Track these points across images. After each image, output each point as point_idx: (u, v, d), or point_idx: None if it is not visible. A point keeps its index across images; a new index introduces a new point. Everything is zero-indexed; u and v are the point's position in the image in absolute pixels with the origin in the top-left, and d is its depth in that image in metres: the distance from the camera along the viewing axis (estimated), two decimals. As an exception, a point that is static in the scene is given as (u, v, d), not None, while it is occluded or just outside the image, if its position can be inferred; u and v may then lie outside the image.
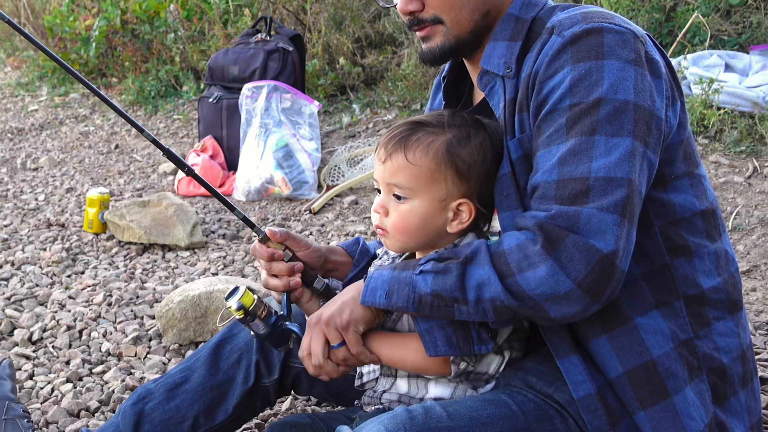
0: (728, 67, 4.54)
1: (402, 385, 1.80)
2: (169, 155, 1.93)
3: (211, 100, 5.16)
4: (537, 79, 1.62)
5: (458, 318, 1.60)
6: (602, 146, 1.52)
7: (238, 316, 1.85)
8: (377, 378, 1.85)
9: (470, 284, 1.56)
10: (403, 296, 1.64)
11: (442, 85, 2.00)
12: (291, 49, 5.15)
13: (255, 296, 1.85)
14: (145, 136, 1.91)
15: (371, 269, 1.92)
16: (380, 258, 1.95)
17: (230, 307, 1.86)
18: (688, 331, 1.62)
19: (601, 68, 1.55)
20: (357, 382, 1.91)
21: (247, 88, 4.85)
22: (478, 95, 1.90)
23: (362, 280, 1.75)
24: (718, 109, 4.16)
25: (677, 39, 4.68)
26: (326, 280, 1.94)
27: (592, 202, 1.49)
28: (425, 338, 1.68)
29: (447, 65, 1.98)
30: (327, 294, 1.92)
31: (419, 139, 1.72)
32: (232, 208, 1.96)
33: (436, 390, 1.76)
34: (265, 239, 1.91)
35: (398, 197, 1.74)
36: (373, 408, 1.83)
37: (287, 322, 1.88)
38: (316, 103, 4.95)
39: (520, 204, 1.65)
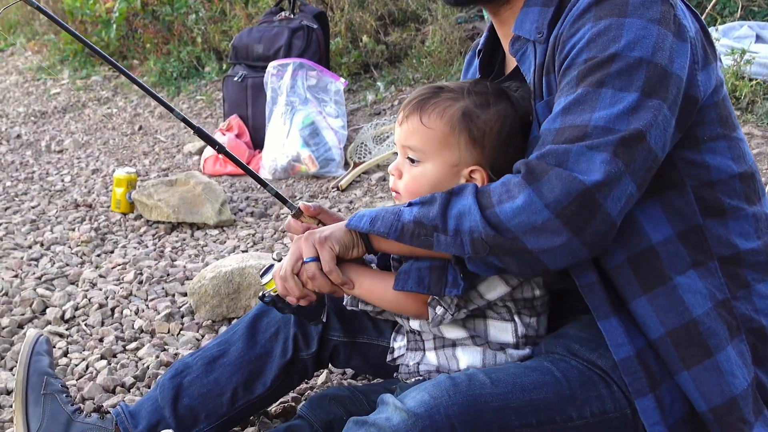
0: (759, 38, 4.46)
1: (431, 357, 1.80)
2: (200, 133, 1.94)
3: (236, 79, 5.14)
4: (561, 39, 1.61)
5: (436, 249, 1.59)
6: (608, 98, 1.50)
7: (273, 293, 1.84)
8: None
9: (451, 213, 1.55)
10: (387, 223, 1.63)
11: (476, 60, 2.00)
12: (315, 26, 5.11)
13: None
14: (174, 114, 1.92)
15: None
16: None
17: (265, 283, 1.84)
18: (725, 292, 1.61)
19: (621, 25, 1.53)
20: (388, 357, 1.91)
21: (272, 66, 4.82)
22: (510, 65, 1.89)
23: None
24: (750, 80, 4.10)
25: (707, 11, 4.61)
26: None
27: (584, 143, 1.48)
28: (399, 275, 1.69)
29: (482, 39, 1.96)
30: None
31: (436, 103, 1.72)
32: (264, 184, 1.96)
33: (465, 357, 1.76)
34: (298, 214, 1.90)
35: (412, 160, 1.75)
36: (413, 380, 1.82)
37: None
38: (342, 80, 4.92)
39: None
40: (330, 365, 2.21)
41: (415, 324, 1.81)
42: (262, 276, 1.85)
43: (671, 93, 1.53)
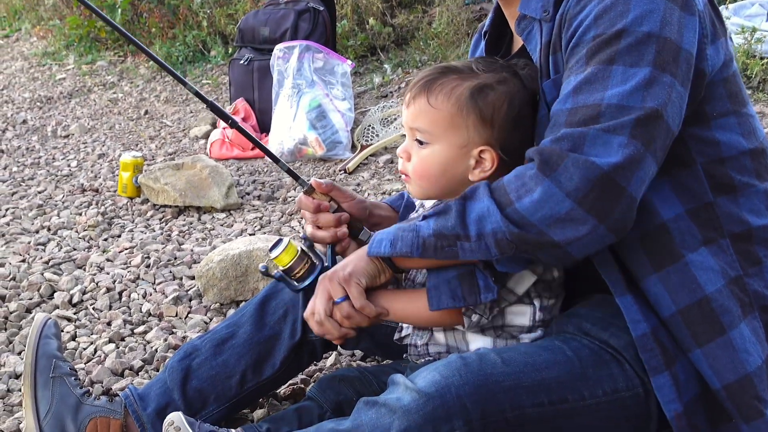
0: (770, 17, 4.44)
1: (439, 337, 1.79)
2: (213, 107, 1.94)
3: (242, 62, 5.12)
4: (567, 17, 1.59)
5: (462, 257, 1.57)
6: (619, 76, 1.48)
7: (281, 267, 1.83)
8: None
9: (470, 219, 1.53)
10: (408, 242, 1.61)
11: (483, 41, 1.98)
12: (321, 8, 5.09)
13: (298, 249, 1.83)
14: (188, 89, 1.92)
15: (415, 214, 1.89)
16: (416, 211, 1.92)
17: (274, 257, 1.83)
18: (737, 269, 1.59)
19: (628, 0, 1.51)
20: (396, 336, 1.90)
21: (278, 49, 4.80)
22: (517, 44, 1.87)
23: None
24: (761, 59, 4.07)
25: (716, -11, 4.58)
26: (372, 233, 1.91)
27: (599, 125, 1.45)
28: (431, 293, 1.66)
29: (488, 20, 1.95)
30: None
31: (443, 83, 1.70)
32: (276, 160, 1.95)
33: (476, 342, 1.75)
34: (310, 191, 1.89)
35: (420, 142, 1.72)
36: (423, 360, 1.81)
37: None
38: (349, 62, 4.89)
39: None
40: (339, 347, 2.20)
41: None
42: (270, 251, 1.84)
43: (682, 68, 1.51)
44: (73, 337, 2.72)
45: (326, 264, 1.88)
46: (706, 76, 1.57)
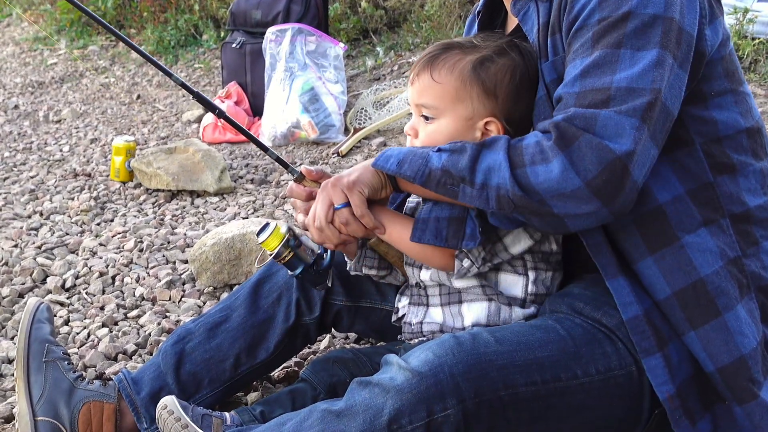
0: (762, -3, 4.42)
1: (436, 314, 1.80)
2: (199, 98, 1.94)
3: (234, 45, 5.09)
4: None
5: (461, 200, 1.58)
6: (627, 59, 1.48)
7: (269, 251, 1.83)
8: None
9: (480, 167, 1.54)
10: (415, 167, 1.61)
11: (476, 21, 1.98)
12: (313, -9, 5.06)
13: (287, 233, 1.83)
14: (173, 79, 1.91)
15: (407, 206, 1.89)
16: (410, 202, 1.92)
17: (262, 242, 1.83)
18: (736, 249, 1.59)
19: None
20: (394, 318, 1.91)
21: (270, 32, 4.78)
22: (511, 24, 1.88)
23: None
24: (753, 39, 4.06)
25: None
26: None
27: (611, 107, 1.46)
28: (417, 225, 1.68)
29: (481, 1, 1.95)
30: None
31: (445, 58, 1.72)
32: (265, 149, 1.94)
33: (471, 313, 1.76)
34: (300, 178, 1.88)
35: (426, 117, 1.74)
36: (416, 341, 1.82)
37: (324, 261, 1.85)
38: (341, 44, 4.87)
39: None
40: (333, 330, 2.20)
41: (425, 276, 1.80)
42: (258, 235, 1.84)
43: (683, 49, 1.51)
44: (66, 322, 2.71)
45: (318, 251, 1.88)
46: (706, 56, 1.57)
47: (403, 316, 1.88)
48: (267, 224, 1.84)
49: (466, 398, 1.49)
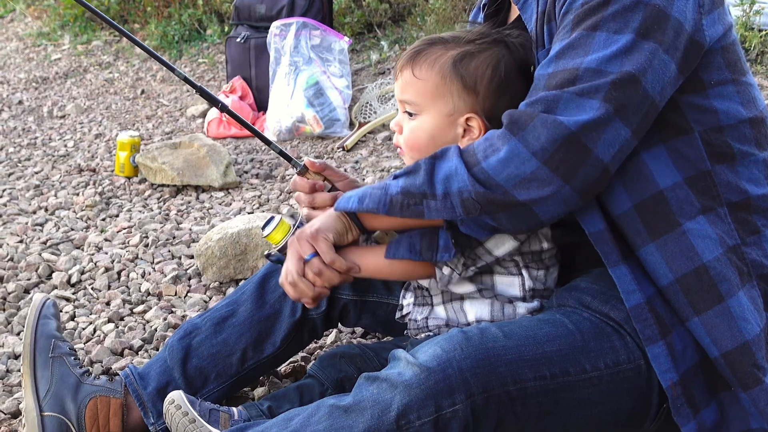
0: (769, -11, 4.41)
1: (440, 311, 1.79)
2: (202, 92, 1.93)
3: (238, 40, 5.08)
4: None
5: (428, 217, 1.58)
6: (602, 42, 1.49)
7: (274, 245, 1.83)
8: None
9: (438, 177, 1.54)
10: (375, 198, 1.62)
11: (481, 15, 1.98)
12: (318, -15, 5.05)
13: (291, 226, 1.83)
14: (176, 74, 1.91)
15: None
16: None
17: (267, 235, 1.83)
18: (735, 237, 1.59)
19: None
20: (397, 315, 1.90)
21: (275, 26, 4.76)
22: (513, 15, 1.88)
23: None
24: (759, 31, 4.05)
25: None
26: None
27: (574, 88, 1.46)
28: (390, 245, 1.69)
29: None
30: None
31: (427, 53, 1.71)
32: (268, 143, 1.94)
33: (473, 309, 1.75)
34: (304, 171, 1.89)
35: (410, 114, 1.74)
36: (423, 335, 1.81)
37: None
38: (346, 38, 4.86)
39: None
40: (339, 324, 2.19)
41: (424, 281, 1.79)
42: (263, 229, 1.84)
43: (668, 35, 1.50)
44: (72, 317, 2.71)
45: None
46: (704, 46, 1.56)
47: (408, 313, 1.88)
48: (272, 218, 1.84)
49: (475, 393, 1.49)
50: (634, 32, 1.48)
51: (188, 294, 2.82)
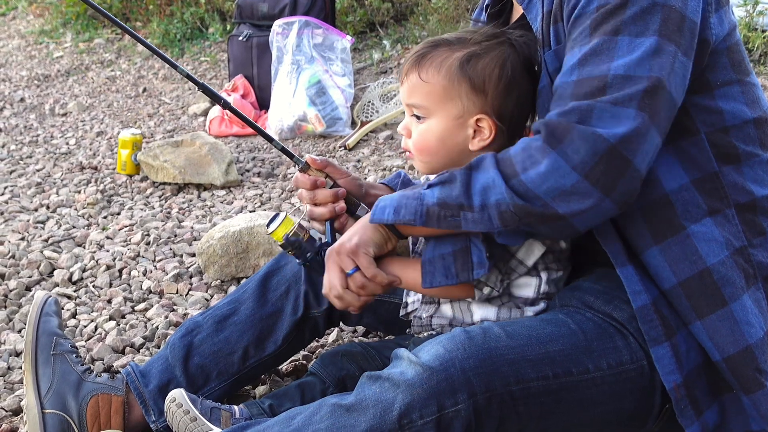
0: (772, -10, 4.40)
1: (446, 310, 1.79)
2: (204, 89, 1.93)
3: (240, 38, 5.08)
4: None
5: (465, 228, 1.56)
6: (625, 46, 1.47)
7: (279, 242, 1.83)
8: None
9: (475, 189, 1.53)
10: (411, 209, 1.61)
11: (484, 14, 1.97)
12: (320, -16, 5.04)
13: (296, 223, 1.83)
14: (178, 71, 1.91)
15: None
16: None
17: (271, 232, 1.83)
18: (742, 239, 1.59)
19: None
20: (402, 312, 1.89)
21: (277, 25, 4.76)
22: (516, 15, 1.87)
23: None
24: (763, 31, 4.04)
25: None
26: (369, 209, 1.90)
27: (607, 96, 1.44)
28: (425, 269, 1.67)
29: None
30: None
31: (432, 56, 1.70)
32: (270, 139, 1.94)
33: (480, 311, 1.75)
34: (305, 168, 1.88)
35: (418, 117, 1.73)
36: (425, 334, 1.81)
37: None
38: (348, 37, 4.86)
39: None
40: (341, 323, 2.19)
41: None
42: (268, 225, 1.84)
43: (686, 37, 1.50)
44: (74, 315, 2.71)
45: (326, 239, 1.87)
46: (710, 45, 1.56)
47: (413, 310, 1.87)
48: (277, 214, 1.84)
49: (477, 393, 1.48)
50: (656, 34, 1.47)
51: (190, 292, 2.82)
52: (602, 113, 1.43)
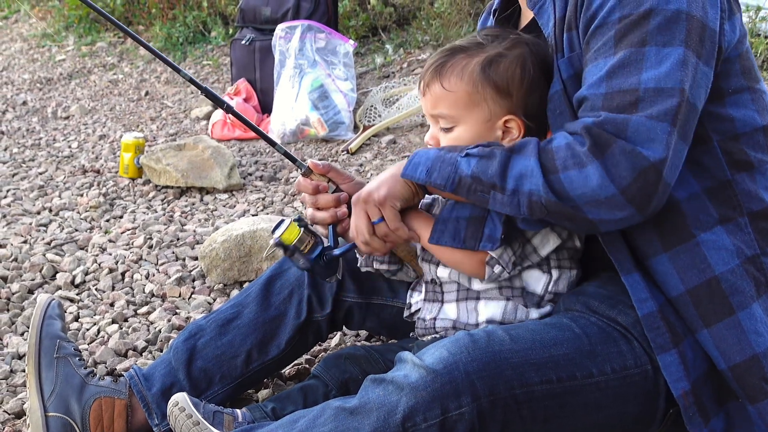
0: (774, -5, 4.40)
1: (450, 310, 1.80)
2: (207, 93, 1.94)
3: (243, 42, 5.08)
4: None
5: (491, 207, 1.58)
6: (653, 57, 1.47)
7: (278, 248, 1.83)
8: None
9: (512, 173, 1.53)
10: (444, 174, 1.61)
11: (491, 19, 1.98)
12: (323, -12, 5.05)
13: (301, 228, 1.82)
14: (181, 75, 1.92)
15: (423, 202, 1.88)
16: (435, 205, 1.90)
17: (275, 238, 1.83)
18: (755, 247, 1.58)
19: None
20: (406, 313, 1.91)
21: (280, 29, 4.76)
22: (525, 20, 1.87)
23: (406, 158, 1.72)
24: (766, 37, 4.04)
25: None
26: None
27: (642, 111, 1.45)
28: (436, 226, 1.69)
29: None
30: None
31: (453, 65, 1.71)
32: (273, 143, 1.95)
33: (486, 310, 1.75)
34: (308, 172, 1.88)
35: (445, 128, 1.73)
36: (429, 337, 1.82)
37: (334, 252, 1.85)
38: (351, 41, 4.86)
39: (573, 121, 1.59)
40: (344, 327, 2.19)
41: (442, 273, 1.80)
42: (273, 232, 1.84)
43: (707, 46, 1.50)
44: (76, 318, 2.71)
45: (329, 244, 1.87)
46: (723, 52, 1.57)
47: (417, 311, 1.87)
48: (282, 221, 1.84)
49: (481, 396, 1.48)
50: (683, 44, 1.47)
51: (192, 295, 2.82)
52: (638, 127, 1.44)
